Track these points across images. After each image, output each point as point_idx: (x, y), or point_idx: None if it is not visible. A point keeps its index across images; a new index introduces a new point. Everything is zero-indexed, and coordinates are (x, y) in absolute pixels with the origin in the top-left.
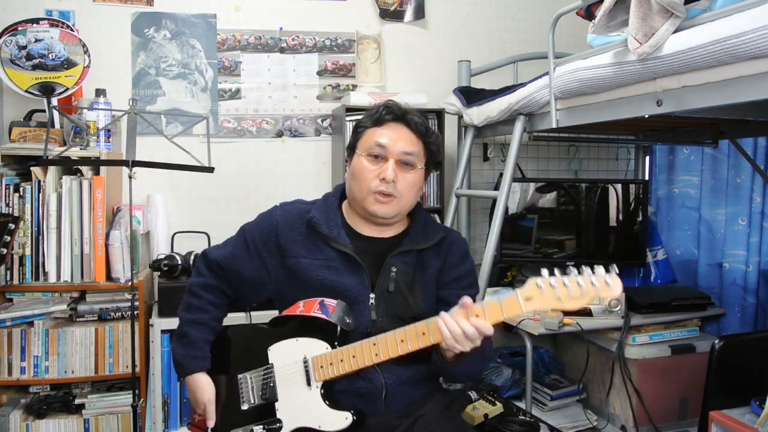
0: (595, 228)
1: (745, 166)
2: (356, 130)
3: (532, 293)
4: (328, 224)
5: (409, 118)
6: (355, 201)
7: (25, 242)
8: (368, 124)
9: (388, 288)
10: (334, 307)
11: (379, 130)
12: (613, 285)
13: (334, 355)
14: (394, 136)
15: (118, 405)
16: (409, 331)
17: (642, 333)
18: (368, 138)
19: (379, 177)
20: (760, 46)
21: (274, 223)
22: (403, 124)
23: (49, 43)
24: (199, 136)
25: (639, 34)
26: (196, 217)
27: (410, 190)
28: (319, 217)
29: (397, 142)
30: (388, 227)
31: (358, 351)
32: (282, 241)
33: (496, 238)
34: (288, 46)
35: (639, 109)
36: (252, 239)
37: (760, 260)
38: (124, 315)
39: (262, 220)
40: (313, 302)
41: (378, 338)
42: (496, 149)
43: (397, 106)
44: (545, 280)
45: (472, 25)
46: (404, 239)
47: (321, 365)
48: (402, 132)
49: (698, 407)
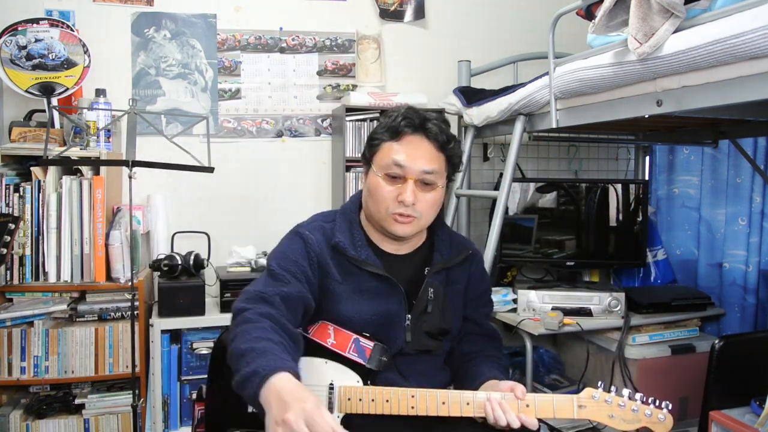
0: (595, 228)
1: (745, 166)
2: (371, 141)
3: (587, 403)
4: (354, 246)
5: (429, 129)
6: (373, 219)
7: (25, 242)
8: (385, 137)
9: (426, 309)
10: (371, 351)
11: (396, 145)
12: (666, 421)
13: (364, 391)
14: (413, 153)
15: (118, 405)
16: (453, 396)
17: (642, 333)
18: (385, 154)
19: (397, 198)
20: (760, 46)
21: (311, 244)
22: (423, 135)
23: (49, 43)
24: (199, 136)
25: (639, 34)
26: (196, 217)
27: (431, 209)
28: (344, 239)
29: (417, 160)
30: (407, 242)
31: (393, 396)
32: (322, 262)
33: (496, 238)
34: (288, 46)
35: (639, 109)
36: (294, 262)
37: (760, 260)
38: (124, 315)
39: (294, 244)
40: (346, 337)
41: (418, 392)
42: (496, 149)
43: (416, 114)
44: (602, 394)
45: (472, 25)
46: (433, 255)
47: (348, 397)
48: (422, 147)
49: (698, 407)
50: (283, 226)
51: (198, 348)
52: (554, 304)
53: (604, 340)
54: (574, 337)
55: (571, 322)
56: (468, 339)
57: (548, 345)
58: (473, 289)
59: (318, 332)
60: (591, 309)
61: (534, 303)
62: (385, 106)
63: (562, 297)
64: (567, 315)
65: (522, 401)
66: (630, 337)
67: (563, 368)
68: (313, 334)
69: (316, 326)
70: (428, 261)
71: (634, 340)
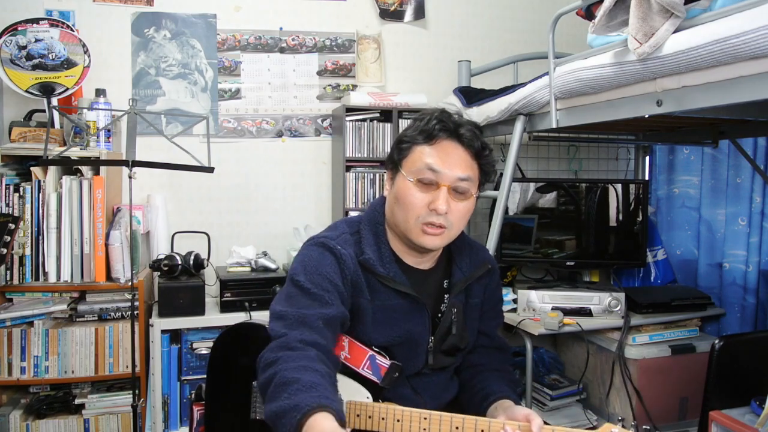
0: (595, 228)
1: (745, 166)
2: (400, 144)
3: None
4: (382, 263)
5: (463, 134)
6: (399, 228)
7: (25, 242)
8: (418, 140)
9: (451, 330)
10: (386, 369)
11: (428, 149)
12: None
13: (375, 408)
14: (448, 159)
15: (118, 405)
16: (468, 422)
17: (642, 333)
18: (417, 158)
19: (429, 206)
20: (760, 46)
21: (344, 259)
22: (458, 141)
23: (49, 43)
24: (199, 136)
25: (639, 34)
26: (196, 217)
27: (462, 220)
28: (372, 255)
29: (452, 167)
30: (428, 255)
31: (405, 417)
32: (354, 279)
33: (496, 238)
34: (288, 46)
35: (639, 109)
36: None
37: (760, 260)
38: (124, 315)
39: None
40: (362, 352)
41: (431, 414)
42: (496, 149)
43: (450, 119)
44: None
45: (472, 25)
46: (453, 270)
47: (358, 413)
48: (457, 153)
49: (698, 407)
50: (283, 226)
51: (198, 348)
52: (554, 304)
53: (604, 340)
54: (574, 337)
55: (571, 322)
56: (478, 351)
57: (548, 345)
58: (488, 302)
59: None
60: (591, 309)
61: (534, 303)
62: (385, 106)
63: (562, 297)
64: (567, 315)
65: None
66: (630, 337)
67: (563, 368)
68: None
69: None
70: (447, 274)
71: (634, 340)
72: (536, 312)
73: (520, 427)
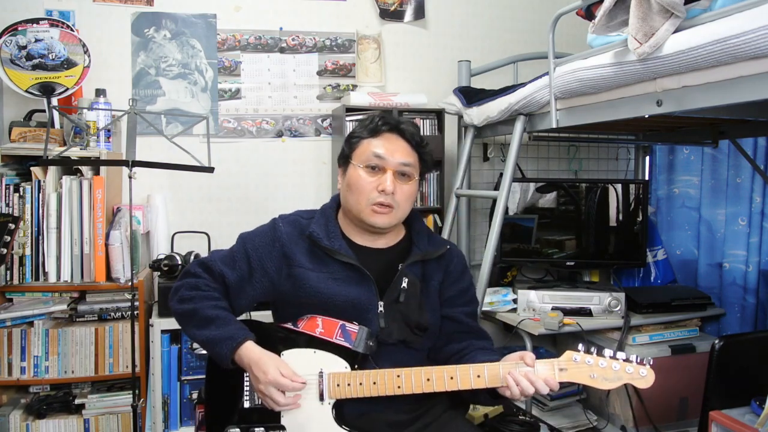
0: (595, 228)
1: (745, 166)
2: (350, 140)
3: (567, 365)
4: (328, 237)
5: (404, 129)
6: (352, 212)
7: (25, 242)
8: (364, 134)
9: (398, 298)
10: (356, 334)
11: (375, 140)
12: (647, 376)
13: (353, 376)
14: (391, 147)
15: (118, 405)
16: (437, 372)
17: (642, 333)
18: (364, 149)
19: (377, 188)
20: (760, 46)
21: (278, 234)
22: (399, 134)
23: (49, 43)
24: (199, 136)
25: (639, 34)
26: (196, 217)
27: (407, 201)
28: (319, 231)
29: (395, 153)
30: (382, 236)
31: (379, 378)
32: (287, 251)
33: (496, 238)
34: (288, 46)
35: (639, 109)
36: (255, 249)
37: (760, 260)
38: (124, 315)
39: (264, 231)
40: (333, 324)
41: (403, 371)
42: (496, 149)
43: (392, 117)
44: (582, 356)
45: (472, 25)
46: (411, 248)
47: (338, 383)
48: (398, 143)
49: (698, 407)
50: None
51: (198, 348)
52: (554, 304)
53: (604, 340)
54: (574, 337)
55: (571, 322)
56: (454, 338)
57: (548, 345)
58: (450, 287)
59: (308, 325)
60: (591, 309)
61: (534, 303)
62: (385, 106)
63: (562, 297)
64: (567, 315)
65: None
66: (630, 337)
67: None
68: (303, 326)
69: (305, 320)
70: (405, 257)
71: (634, 340)
72: (536, 312)
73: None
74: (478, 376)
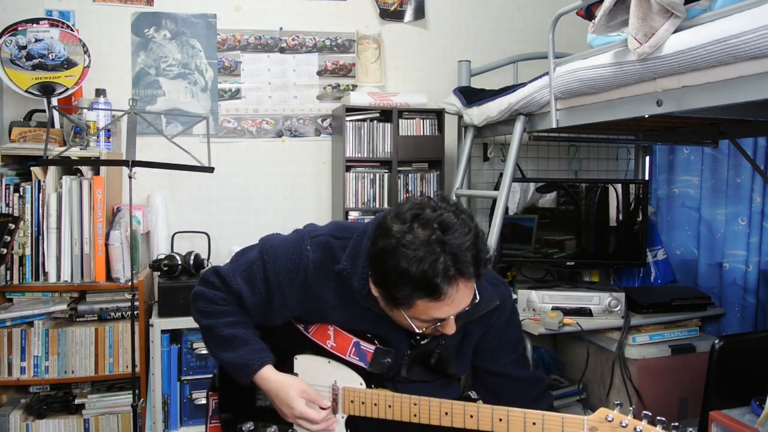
0: (595, 228)
1: (745, 166)
2: (396, 297)
3: (599, 425)
4: (359, 279)
5: (473, 272)
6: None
7: (25, 242)
8: (418, 295)
9: (430, 361)
10: (372, 354)
11: (436, 304)
12: None
13: (368, 395)
14: (458, 304)
15: (118, 405)
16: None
17: (642, 333)
18: (421, 311)
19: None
20: (760, 46)
21: (304, 263)
22: (468, 280)
23: (49, 43)
24: (199, 136)
25: (639, 34)
26: (196, 217)
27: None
28: (350, 269)
29: (460, 305)
30: None
31: (395, 403)
32: (312, 286)
33: (496, 238)
34: (288, 46)
35: (639, 109)
36: (275, 274)
37: (760, 260)
38: (124, 315)
39: (288, 254)
40: (346, 340)
41: (420, 400)
42: (496, 149)
43: (463, 263)
44: (617, 416)
45: (472, 25)
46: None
47: (352, 399)
48: (466, 290)
49: (698, 407)
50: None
51: (198, 348)
52: (554, 304)
53: (604, 340)
54: (574, 337)
55: (571, 322)
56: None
57: (548, 345)
58: (492, 340)
59: (318, 333)
60: (591, 309)
61: (534, 303)
62: (385, 106)
63: (562, 297)
64: (567, 315)
65: (528, 418)
66: (630, 337)
67: (563, 368)
68: (313, 333)
69: (316, 326)
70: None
71: (634, 340)
72: (536, 312)
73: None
74: (500, 420)
